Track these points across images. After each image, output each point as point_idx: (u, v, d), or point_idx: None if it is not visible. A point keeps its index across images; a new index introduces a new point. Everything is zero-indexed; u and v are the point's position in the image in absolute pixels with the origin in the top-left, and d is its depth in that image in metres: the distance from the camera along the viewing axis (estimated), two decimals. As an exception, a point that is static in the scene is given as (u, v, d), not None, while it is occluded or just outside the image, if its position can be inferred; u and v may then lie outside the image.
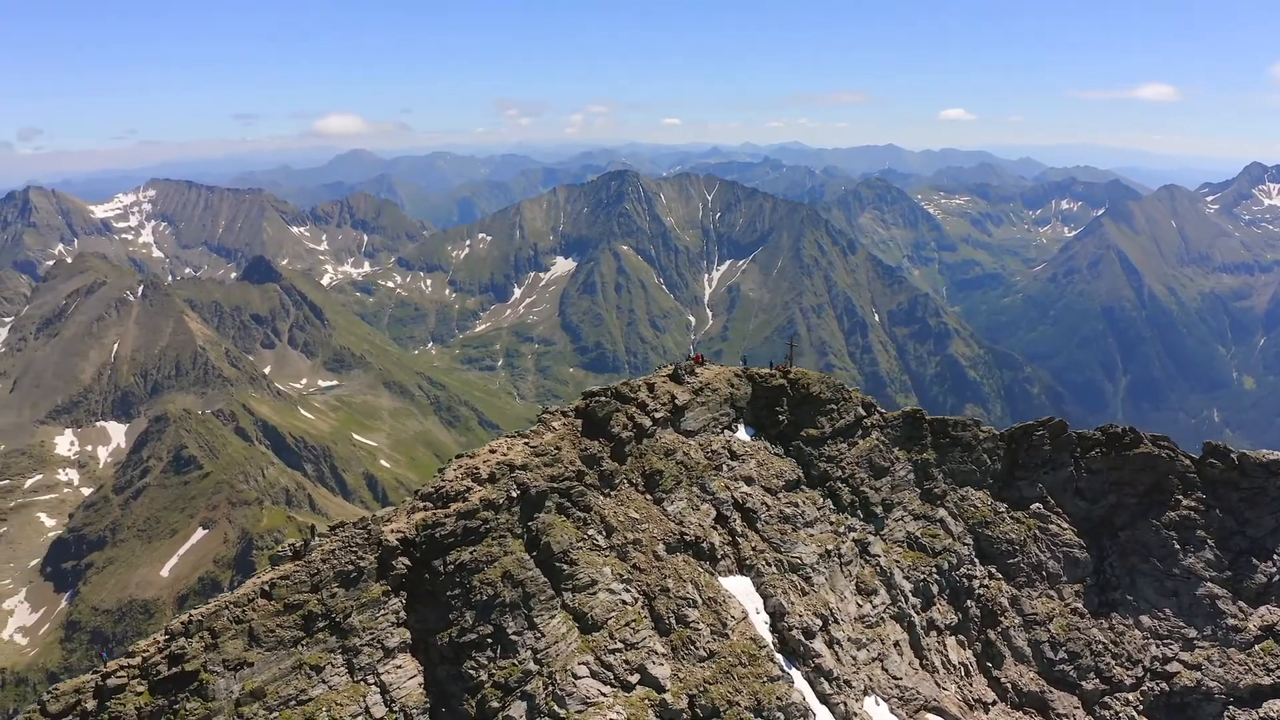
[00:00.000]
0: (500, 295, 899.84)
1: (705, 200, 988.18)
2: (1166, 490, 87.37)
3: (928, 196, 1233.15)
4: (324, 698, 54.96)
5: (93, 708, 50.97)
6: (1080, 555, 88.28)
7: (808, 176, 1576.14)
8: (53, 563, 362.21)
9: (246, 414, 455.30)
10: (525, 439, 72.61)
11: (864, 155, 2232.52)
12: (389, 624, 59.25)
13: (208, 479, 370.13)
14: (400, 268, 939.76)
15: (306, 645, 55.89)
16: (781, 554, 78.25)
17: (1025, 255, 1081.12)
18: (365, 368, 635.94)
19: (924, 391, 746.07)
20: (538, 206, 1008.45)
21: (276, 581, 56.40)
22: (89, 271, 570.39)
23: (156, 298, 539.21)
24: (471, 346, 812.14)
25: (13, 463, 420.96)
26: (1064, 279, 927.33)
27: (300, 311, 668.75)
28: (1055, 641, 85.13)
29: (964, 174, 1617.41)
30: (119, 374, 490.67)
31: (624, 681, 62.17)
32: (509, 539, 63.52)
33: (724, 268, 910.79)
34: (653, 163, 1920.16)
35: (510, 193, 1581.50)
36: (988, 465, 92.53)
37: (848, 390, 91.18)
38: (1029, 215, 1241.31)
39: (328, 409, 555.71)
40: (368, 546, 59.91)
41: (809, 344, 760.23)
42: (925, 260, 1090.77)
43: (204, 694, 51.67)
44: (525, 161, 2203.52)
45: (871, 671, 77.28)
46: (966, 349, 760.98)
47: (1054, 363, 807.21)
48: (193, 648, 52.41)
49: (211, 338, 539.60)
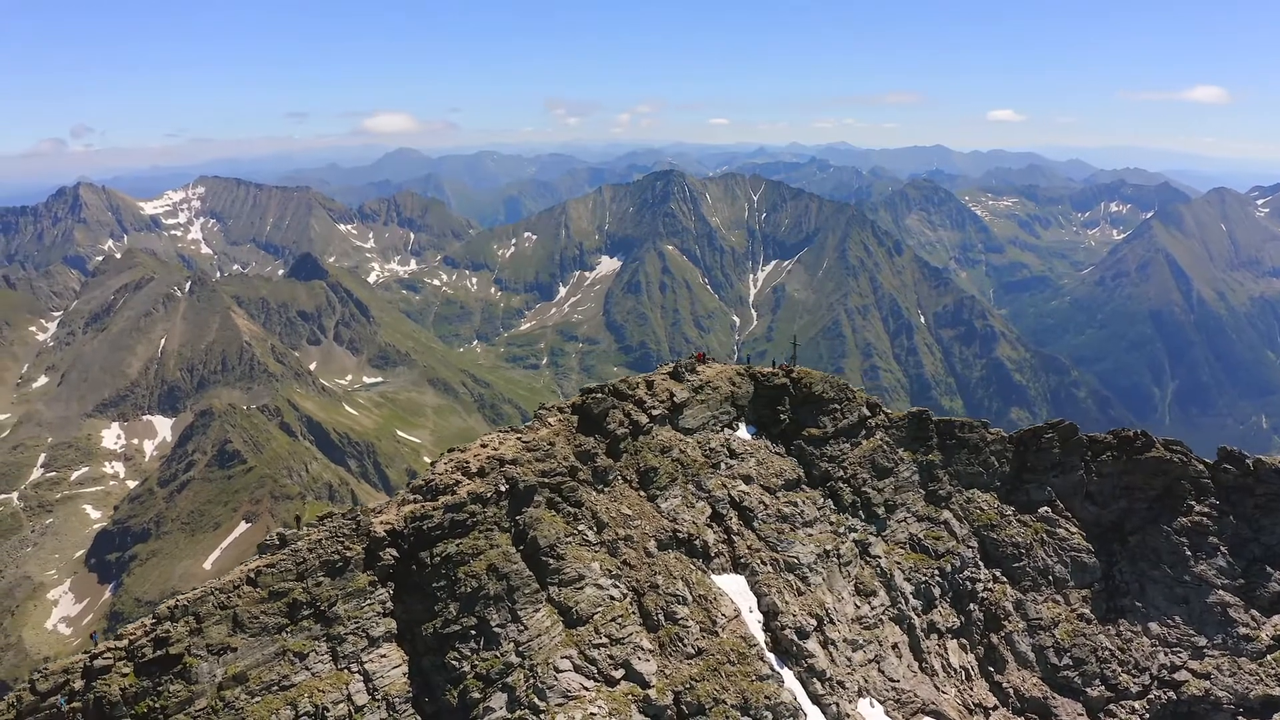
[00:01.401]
0: (545, 294, 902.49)
1: (751, 200, 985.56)
2: (1178, 495, 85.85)
3: (975, 198, 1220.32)
4: (307, 684, 55.83)
5: (80, 688, 52.24)
6: (1088, 560, 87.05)
7: (854, 177, 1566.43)
8: (97, 554, 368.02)
9: (291, 409, 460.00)
10: (519, 434, 73.16)
11: (911, 156, 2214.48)
12: (374, 614, 60.01)
13: (251, 473, 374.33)
14: (446, 266, 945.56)
15: (291, 632, 56.84)
16: (778, 553, 77.97)
17: (1073, 258, 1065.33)
18: (410, 365, 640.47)
19: (969, 394, 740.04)
20: (583, 206, 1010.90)
21: (262, 569, 57.38)
22: (137, 267, 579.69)
23: (204, 294, 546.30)
24: (516, 345, 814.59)
25: (60, 455, 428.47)
26: (1112, 282, 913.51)
27: (346, 308, 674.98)
28: (1060, 647, 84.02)
29: (1012, 175, 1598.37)
30: (166, 369, 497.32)
31: (607, 676, 62.49)
32: (495, 532, 64.08)
33: (769, 268, 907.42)
34: (699, 163, 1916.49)
35: (556, 192, 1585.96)
36: (995, 467, 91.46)
37: (852, 390, 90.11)
38: (1077, 218, 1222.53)
39: (372, 405, 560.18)
40: (355, 537, 60.80)
41: (854, 345, 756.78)
42: (972, 262, 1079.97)
43: (187, 677, 52.70)
44: (571, 161, 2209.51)
45: (867, 673, 76.78)
46: (1013, 352, 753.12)
47: (1101, 367, 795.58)
48: (177, 632, 53.48)
49: (258, 334, 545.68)
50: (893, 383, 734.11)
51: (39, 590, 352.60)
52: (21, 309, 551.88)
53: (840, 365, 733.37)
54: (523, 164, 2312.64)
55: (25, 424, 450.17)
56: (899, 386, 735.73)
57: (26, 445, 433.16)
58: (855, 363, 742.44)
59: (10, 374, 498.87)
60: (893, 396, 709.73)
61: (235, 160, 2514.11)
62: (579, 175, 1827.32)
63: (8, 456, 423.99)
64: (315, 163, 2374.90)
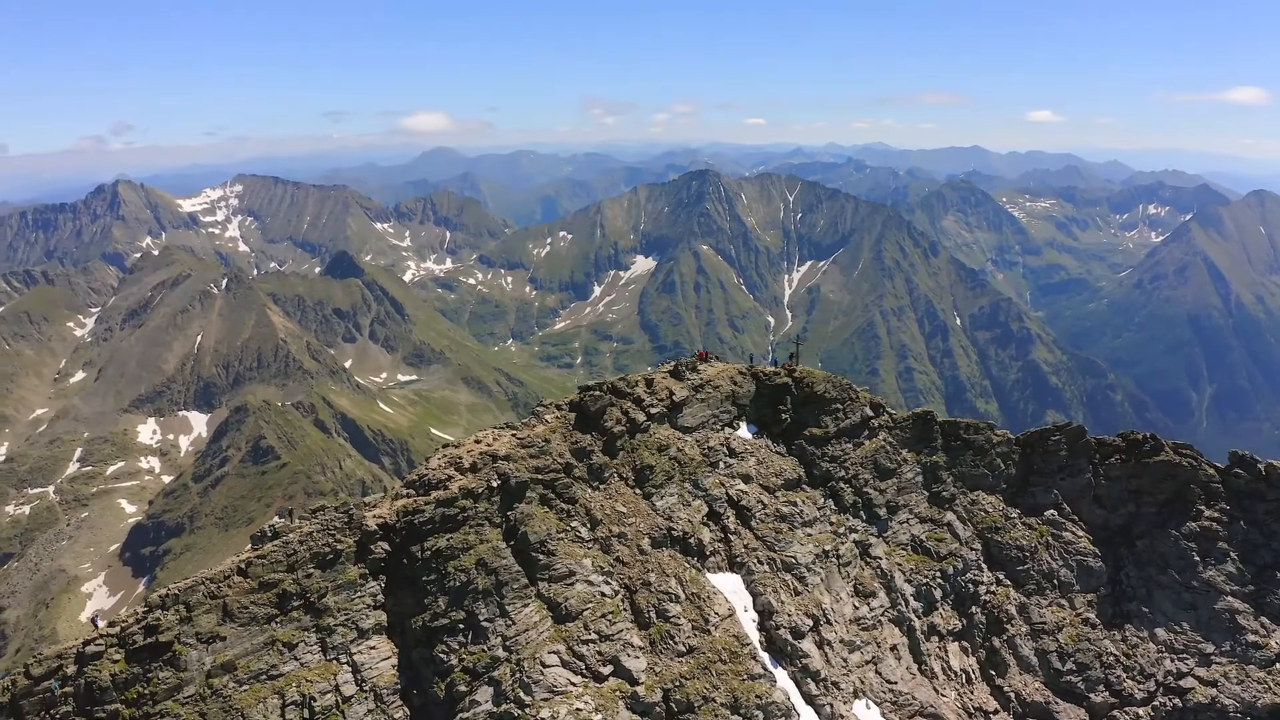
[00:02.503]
0: (580, 293, 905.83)
1: (786, 201, 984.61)
2: (1188, 500, 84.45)
3: (1013, 199, 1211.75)
4: (295, 674, 56.77)
5: (72, 672, 53.56)
6: (1094, 564, 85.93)
7: (891, 178, 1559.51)
8: (132, 548, 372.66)
9: (326, 406, 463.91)
10: (514, 431, 73.76)
11: (949, 157, 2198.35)
12: (365, 606, 60.84)
13: (285, 469, 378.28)
14: (482, 265, 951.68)
15: (280, 623, 57.79)
16: (775, 552, 77.69)
17: (1111, 260, 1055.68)
18: (444, 363, 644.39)
19: (1004, 397, 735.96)
20: (619, 205, 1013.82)
21: (253, 560, 58.47)
22: (175, 264, 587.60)
23: (240, 291, 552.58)
24: (550, 344, 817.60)
25: (96, 449, 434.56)
26: (1150, 285, 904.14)
27: (382, 307, 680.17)
28: (1064, 652, 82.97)
29: (1050, 177, 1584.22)
30: (202, 365, 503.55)
31: (595, 672, 62.72)
32: (486, 528, 64.64)
33: (804, 269, 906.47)
34: (735, 163, 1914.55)
35: (592, 191, 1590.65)
36: (1001, 470, 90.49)
37: (855, 390, 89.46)
38: (1115, 219, 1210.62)
39: (406, 403, 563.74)
40: (347, 530, 61.68)
41: (889, 347, 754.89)
42: (1009, 264, 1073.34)
43: (176, 664, 53.82)
44: (608, 160, 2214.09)
45: (864, 674, 76.38)
46: (1049, 355, 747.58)
47: (1138, 370, 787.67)
48: (167, 620, 54.60)
49: (293, 331, 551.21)
50: (927, 385, 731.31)
51: (74, 583, 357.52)
52: (60, 305, 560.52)
53: (875, 367, 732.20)
54: (559, 163, 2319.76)
55: (62, 419, 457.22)
56: (934, 388, 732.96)
57: (63, 440, 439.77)
58: (890, 364, 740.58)
59: (48, 369, 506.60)
60: (928, 398, 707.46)
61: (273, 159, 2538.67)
62: (615, 175, 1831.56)
63: (45, 451, 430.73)
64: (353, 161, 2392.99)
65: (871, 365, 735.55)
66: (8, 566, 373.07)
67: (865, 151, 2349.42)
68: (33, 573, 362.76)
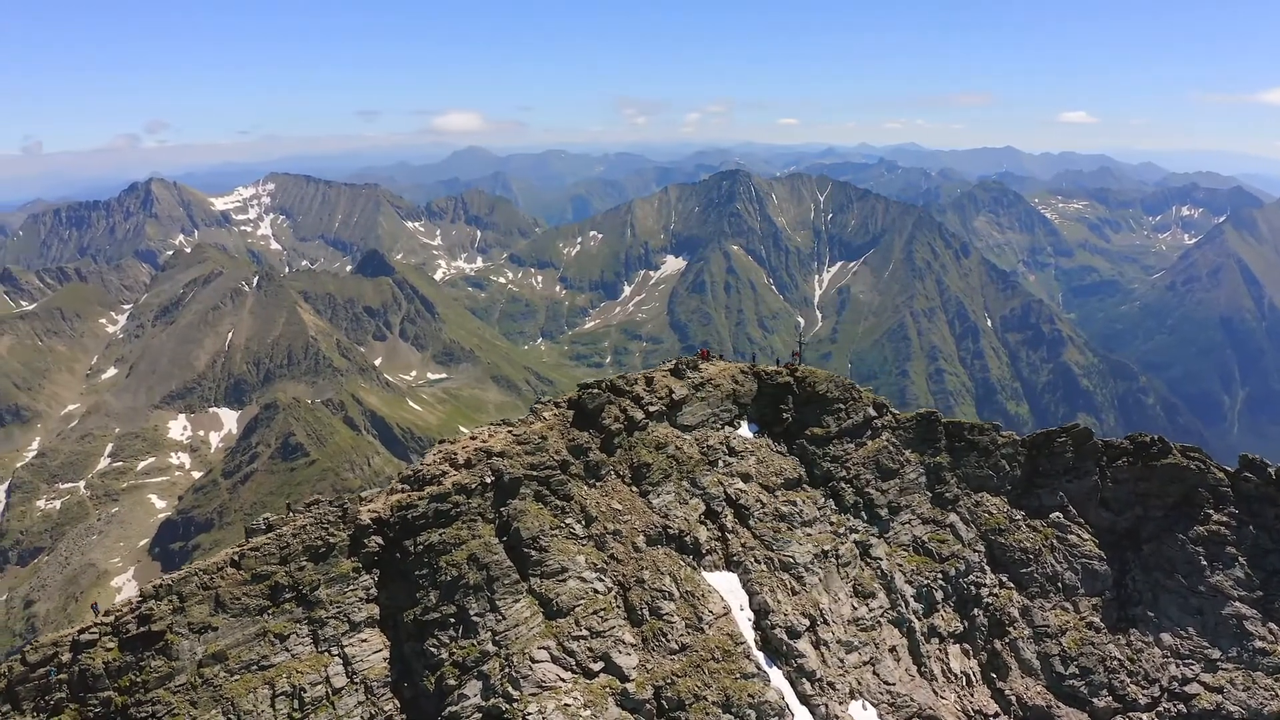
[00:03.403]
0: (610, 293, 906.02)
1: (817, 201, 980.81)
2: (1196, 504, 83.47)
3: (1045, 200, 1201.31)
4: (285, 665, 57.58)
5: (68, 660, 54.61)
6: (1100, 568, 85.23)
7: (923, 178, 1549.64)
8: (161, 543, 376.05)
9: (355, 404, 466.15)
10: (511, 428, 74.12)
11: (981, 157, 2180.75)
12: (357, 599, 61.55)
13: (313, 466, 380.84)
14: (512, 264, 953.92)
15: (272, 614, 58.58)
16: (773, 552, 77.75)
17: (1144, 262, 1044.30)
18: (474, 362, 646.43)
19: (1035, 399, 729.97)
20: (649, 205, 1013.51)
21: (246, 553, 59.23)
22: (206, 262, 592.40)
23: (271, 288, 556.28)
24: (580, 343, 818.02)
25: (127, 445, 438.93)
26: (1183, 288, 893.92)
27: (412, 305, 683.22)
28: (1067, 655, 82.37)
29: (1083, 178, 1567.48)
30: (232, 362, 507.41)
31: (586, 668, 63.18)
32: (479, 523, 65.17)
33: (835, 269, 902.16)
34: (767, 163, 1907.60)
35: (623, 191, 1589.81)
36: (1006, 471, 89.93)
37: (858, 390, 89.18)
38: (1148, 221, 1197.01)
39: (435, 401, 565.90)
40: (340, 524, 62.38)
41: (919, 348, 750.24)
42: (1041, 266, 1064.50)
43: (168, 653, 54.73)
44: (639, 160, 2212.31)
45: (861, 675, 76.24)
46: (1080, 357, 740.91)
47: (1170, 374, 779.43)
48: (160, 609, 55.53)
49: (323, 329, 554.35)
50: (958, 386, 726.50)
51: (103, 578, 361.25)
52: (92, 301, 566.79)
53: (905, 368, 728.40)
54: (590, 163, 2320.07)
55: (94, 414, 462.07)
56: (964, 390, 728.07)
57: (95, 435, 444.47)
58: (920, 366, 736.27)
59: (80, 365, 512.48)
60: (958, 400, 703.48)
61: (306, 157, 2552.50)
62: (646, 174, 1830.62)
63: (76, 446, 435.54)
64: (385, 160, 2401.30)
65: (902, 367, 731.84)
66: (38, 560, 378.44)
67: (897, 152, 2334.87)
68: (63, 566, 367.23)
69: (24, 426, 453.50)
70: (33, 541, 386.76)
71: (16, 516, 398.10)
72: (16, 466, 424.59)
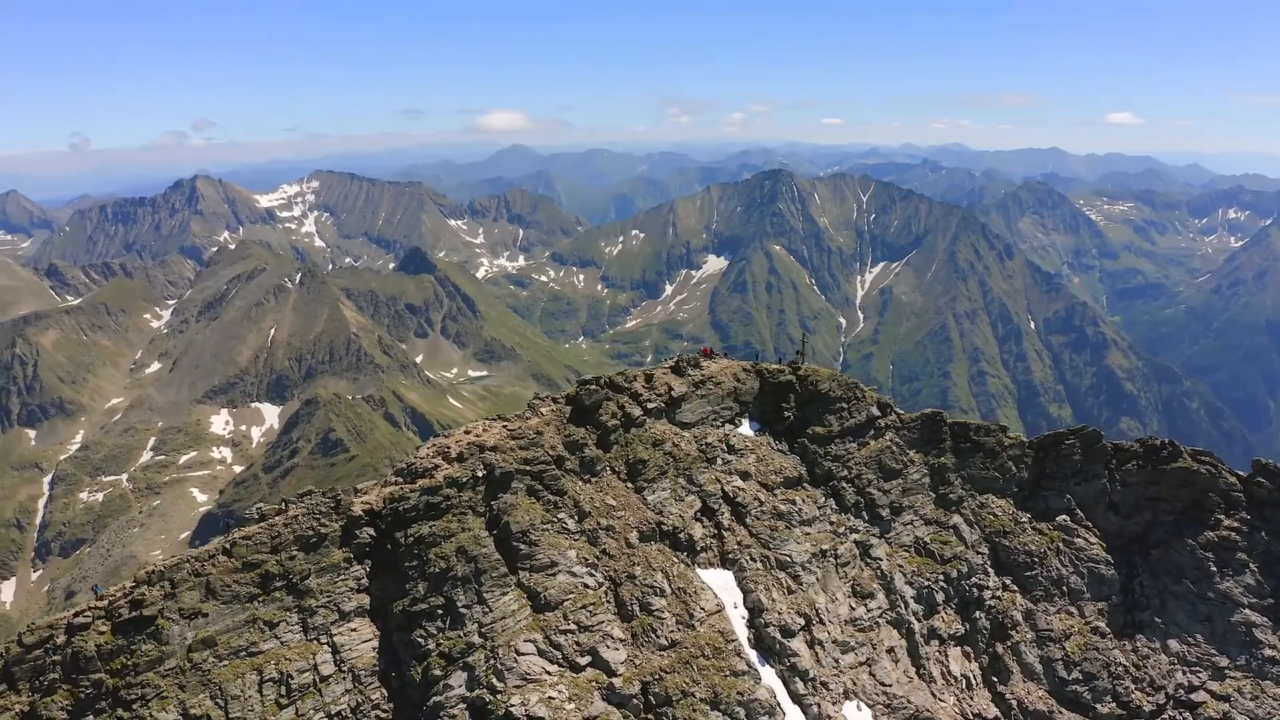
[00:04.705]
0: (651, 292, 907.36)
1: (860, 201, 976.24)
2: (1206, 509, 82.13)
3: (1090, 202, 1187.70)
4: (274, 652, 58.78)
5: (61, 642, 55.96)
6: (1106, 572, 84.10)
7: (967, 179, 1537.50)
8: (202, 536, 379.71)
9: (396, 400, 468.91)
10: (505, 422, 74.78)
11: (1026, 158, 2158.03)
12: (348, 589, 62.61)
13: (353, 461, 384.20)
14: (554, 262, 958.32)
15: (262, 602, 59.80)
16: (770, 550, 77.66)
17: (1189, 265, 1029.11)
18: (515, 359, 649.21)
19: (1078, 402, 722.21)
20: (691, 204, 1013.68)
21: (238, 541, 60.55)
22: (250, 258, 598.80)
23: (313, 285, 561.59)
24: (621, 342, 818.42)
25: (169, 439, 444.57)
26: (1228, 290, 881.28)
27: (454, 303, 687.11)
28: (1070, 660, 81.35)
29: (1128, 179, 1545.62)
30: (275, 357, 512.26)
31: (572, 662, 63.66)
32: (469, 516, 65.91)
33: (877, 270, 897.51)
34: (810, 162, 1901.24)
35: (666, 190, 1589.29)
36: (1013, 473, 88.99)
37: (861, 389, 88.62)
38: (1194, 224, 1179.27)
39: (476, 398, 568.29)
40: (333, 515, 63.51)
41: (961, 350, 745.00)
42: (1085, 268, 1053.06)
43: (159, 638, 56.11)
44: (682, 159, 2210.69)
45: (856, 676, 75.94)
46: (1124, 360, 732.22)
47: (1215, 377, 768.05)
48: (152, 595, 56.93)
49: (365, 325, 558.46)
50: (1000, 389, 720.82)
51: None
52: (137, 297, 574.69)
53: (947, 370, 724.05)
54: (633, 162, 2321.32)
55: (137, 408, 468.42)
56: (1006, 393, 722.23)
57: (137, 429, 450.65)
58: (962, 368, 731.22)
59: (124, 359, 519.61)
60: (1000, 403, 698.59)
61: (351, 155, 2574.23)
62: (689, 174, 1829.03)
63: (119, 439, 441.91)
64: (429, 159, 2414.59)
65: (943, 368, 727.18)
66: (80, 552, 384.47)
67: (942, 152, 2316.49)
68: (104, 558, 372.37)
69: (68, 420, 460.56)
70: (75, 533, 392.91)
71: (59, 508, 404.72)
72: (60, 459, 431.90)
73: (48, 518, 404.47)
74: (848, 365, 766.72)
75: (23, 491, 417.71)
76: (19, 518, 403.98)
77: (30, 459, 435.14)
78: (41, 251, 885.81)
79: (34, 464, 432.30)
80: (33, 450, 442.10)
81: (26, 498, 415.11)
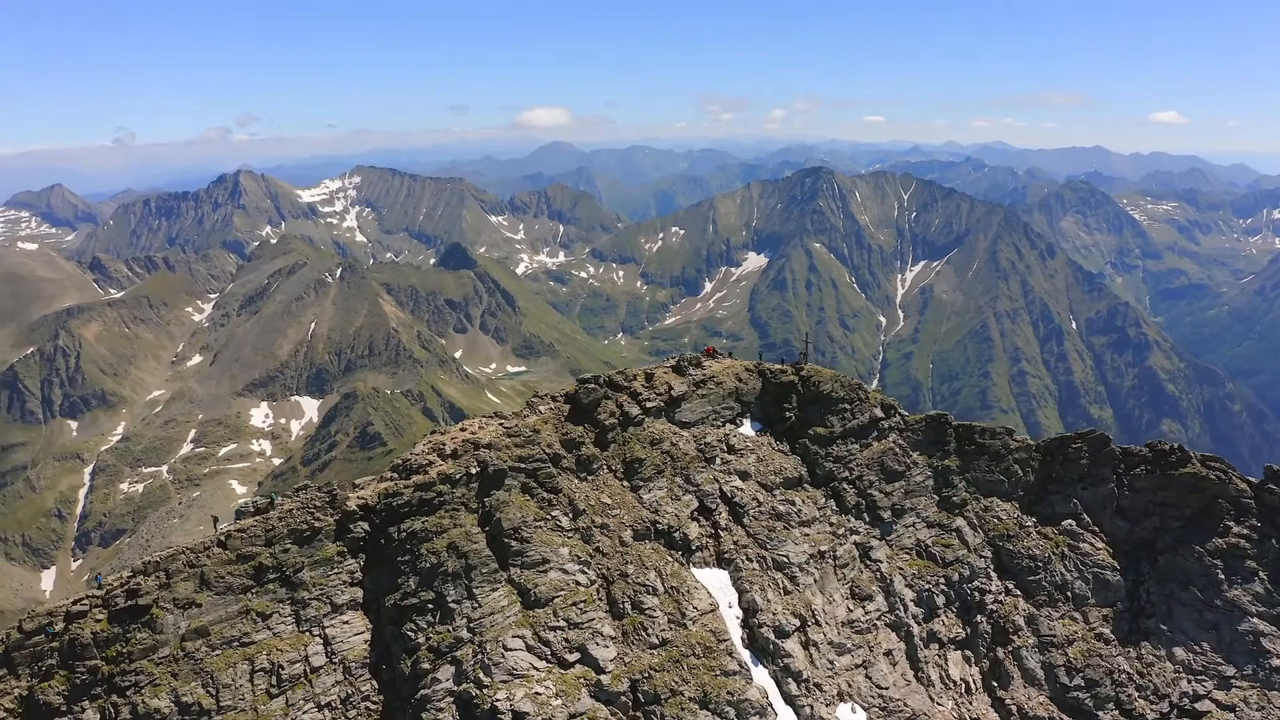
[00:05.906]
0: (691, 289, 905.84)
1: (901, 199, 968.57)
2: (1216, 515, 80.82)
3: (1133, 201, 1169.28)
4: (266, 642, 60.06)
5: (60, 629, 57.41)
6: (1112, 578, 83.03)
7: (1010, 177, 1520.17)
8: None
9: (434, 395, 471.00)
10: (502, 420, 75.65)
11: (1069, 157, 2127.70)
12: (341, 582, 63.76)
13: (390, 455, 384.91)
14: (594, 258, 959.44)
15: (255, 594, 61.06)
16: (767, 550, 77.78)
17: (1233, 266, 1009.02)
18: (553, 355, 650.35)
19: (1119, 404, 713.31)
20: (731, 201, 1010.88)
21: (232, 534, 61.96)
22: (291, 253, 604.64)
23: (354, 280, 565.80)
24: (660, 338, 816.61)
25: (210, 431, 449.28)
26: (1272, 292, 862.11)
27: (493, 298, 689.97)
28: (1072, 666, 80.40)
29: (1172, 179, 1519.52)
30: (315, 351, 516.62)
31: (561, 659, 64.31)
32: (462, 513, 66.80)
33: (917, 268, 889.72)
34: (852, 160, 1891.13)
35: (707, 187, 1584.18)
36: (1018, 476, 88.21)
37: (865, 390, 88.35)
38: (1239, 224, 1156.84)
39: (514, 394, 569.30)
40: (327, 509, 64.67)
41: (1001, 350, 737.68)
42: (1128, 268, 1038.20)
43: (153, 627, 57.55)
44: (723, 156, 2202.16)
45: (852, 678, 75.80)
46: (1166, 362, 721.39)
47: (1258, 380, 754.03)
48: (147, 585, 58.38)
49: (405, 320, 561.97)
50: (1040, 389, 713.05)
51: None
52: (179, 290, 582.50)
53: (987, 370, 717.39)
54: (674, 159, 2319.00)
55: (178, 400, 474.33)
56: (1047, 393, 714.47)
57: (178, 421, 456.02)
58: (1003, 368, 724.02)
59: (166, 352, 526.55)
60: (1040, 403, 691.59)
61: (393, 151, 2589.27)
62: (730, 171, 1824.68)
63: (160, 431, 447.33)
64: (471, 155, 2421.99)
65: (983, 368, 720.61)
66: (120, 542, 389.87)
67: (984, 151, 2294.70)
68: (143, 549, 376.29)
69: (109, 411, 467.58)
70: (115, 524, 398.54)
71: (100, 499, 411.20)
72: (101, 450, 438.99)
73: (88, 508, 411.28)
74: (887, 364, 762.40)
75: (64, 482, 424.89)
76: (60, 507, 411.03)
77: (72, 450, 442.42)
78: (85, 245, 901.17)
79: (75, 455, 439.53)
80: (74, 441, 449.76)
81: (68, 488, 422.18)
